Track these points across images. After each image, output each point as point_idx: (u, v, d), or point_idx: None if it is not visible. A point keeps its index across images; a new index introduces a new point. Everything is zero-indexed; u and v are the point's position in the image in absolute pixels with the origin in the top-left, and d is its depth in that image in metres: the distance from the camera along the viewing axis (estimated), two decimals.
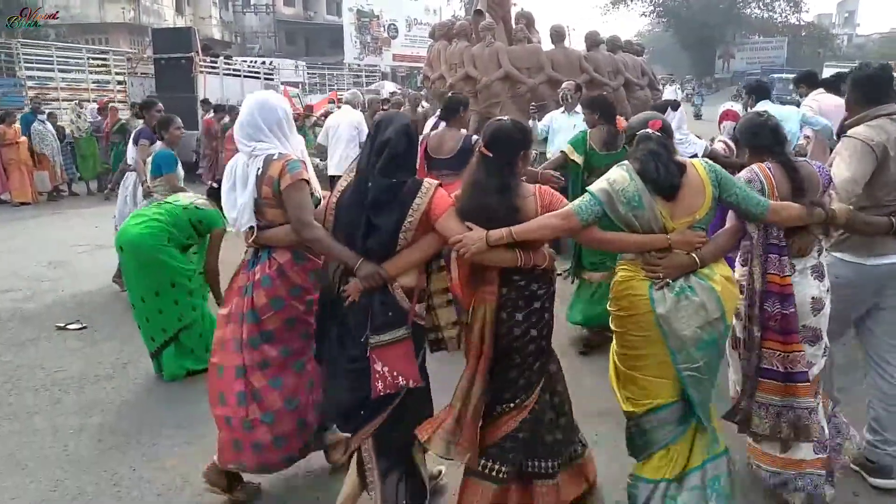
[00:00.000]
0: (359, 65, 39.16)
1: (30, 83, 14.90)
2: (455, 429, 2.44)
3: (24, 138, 11.14)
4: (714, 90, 40.24)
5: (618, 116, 4.65)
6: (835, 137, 4.46)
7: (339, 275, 2.57)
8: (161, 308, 4.12)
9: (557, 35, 8.48)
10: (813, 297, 2.62)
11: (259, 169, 2.68)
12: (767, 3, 43.58)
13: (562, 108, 6.45)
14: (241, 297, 2.80)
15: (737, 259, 2.75)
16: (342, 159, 7.72)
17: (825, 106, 5.78)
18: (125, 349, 4.68)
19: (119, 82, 16.09)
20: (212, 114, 12.04)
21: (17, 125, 11.23)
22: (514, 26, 8.99)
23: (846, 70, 5.35)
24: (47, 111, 12.06)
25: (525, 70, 8.24)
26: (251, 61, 20.97)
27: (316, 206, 2.71)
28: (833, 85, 6.16)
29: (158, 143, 5.39)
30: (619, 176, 2.40)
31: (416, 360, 2.48)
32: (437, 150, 4.50)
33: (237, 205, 2.73)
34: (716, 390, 2.52)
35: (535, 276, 2.47)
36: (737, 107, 5.92)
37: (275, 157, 2.68)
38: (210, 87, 13.56)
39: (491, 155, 2.44)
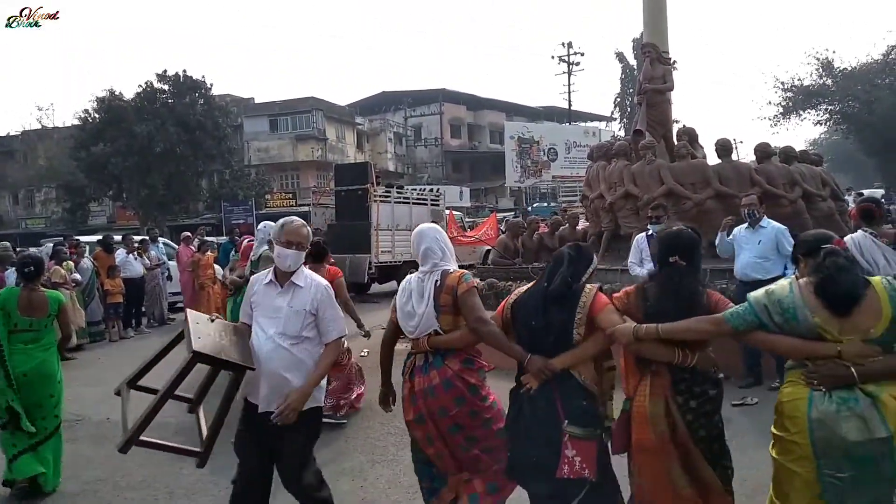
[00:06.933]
0: (519, 187, 40.60)
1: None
2: None
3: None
4: None
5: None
6: None
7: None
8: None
9: (723, 149, 8.23)
10: None
11: (437, 281, 3.06)
12: None
13: (745, 224, 6.05)
14: (423, 400, 2.99)
15: None
16: None
17: None
18: None
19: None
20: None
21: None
22: (675, 143, 8.90)
23: None
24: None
25: (690, 186, 8.02)
26: (419, 189, 22.47)
27: None
28: None
29: None
30: (780, 286, 2.44)
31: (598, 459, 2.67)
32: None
33: (416, 314, 3.04)
34: None
35: (700, 376, 2.60)
36: None
37: (450, 271, 3.10)
38: (382, 213, 14.65)
39: (683, 263, 2.69)
